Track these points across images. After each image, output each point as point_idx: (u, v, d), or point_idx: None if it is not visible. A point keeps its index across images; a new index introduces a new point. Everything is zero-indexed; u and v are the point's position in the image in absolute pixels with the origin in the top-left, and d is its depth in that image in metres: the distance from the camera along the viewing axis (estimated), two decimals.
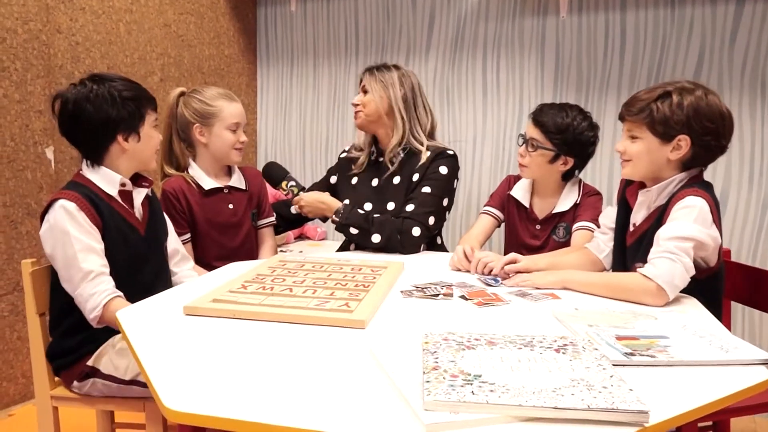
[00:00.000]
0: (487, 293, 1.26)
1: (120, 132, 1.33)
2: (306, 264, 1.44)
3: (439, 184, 1.71)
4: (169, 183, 1.66)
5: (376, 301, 1.14)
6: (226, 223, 1.72)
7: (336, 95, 2.86)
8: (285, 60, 2.94)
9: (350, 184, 1.86)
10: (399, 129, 1.74)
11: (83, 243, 1.27)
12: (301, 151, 2.97)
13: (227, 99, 1.70)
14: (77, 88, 1.32)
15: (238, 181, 1.77)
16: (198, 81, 2.64)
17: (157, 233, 1.46)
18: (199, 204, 1.68)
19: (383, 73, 1.75)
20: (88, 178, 1.34)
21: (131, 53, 2.31)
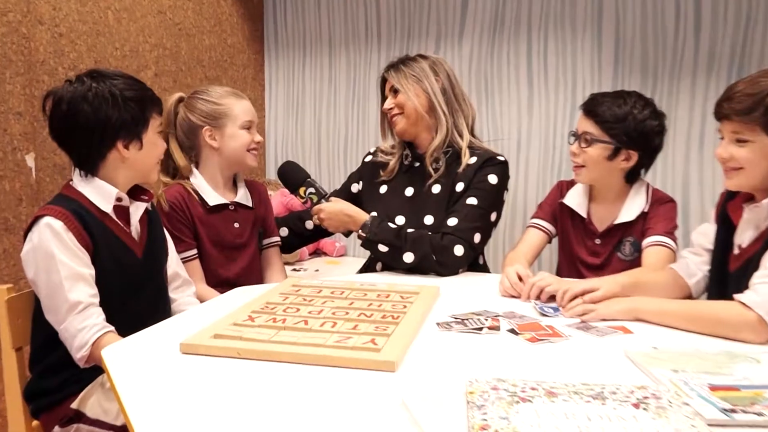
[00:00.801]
0: (542, 325, 1.22)
1: (120, 138, 1.32)
2: (323, 289, 1.41)
3: (488, 195, 1.68)
4: (170, 192, 1.66)
5: (407, 337, 1.11)
6: (231, 245, 1.72)
7: (356, 89, 2.84)
8: (296, 49, 2.93)
9: (378, 193, 1.83)
10: (443, 126, 1.71)
11: (70, 269, 1.26)
12: (316, 153, 2.96)
13: (235, 96, 1.71)
14: (73, 85, 1.31)
15: (245, 197, 1.77)
16: (197, 75, 2.64)
17: (156, 255, 1.44)
18: (201, 220, 1.68)
19: (410, 66, 1.73)
20: (78, 190, 1.33)
21: (122, 45, 2.32)
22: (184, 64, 2.58)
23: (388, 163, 1.83)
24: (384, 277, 1.64)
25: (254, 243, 1.76)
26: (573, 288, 1.32)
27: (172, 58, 2.53)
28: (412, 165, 1.79)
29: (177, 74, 2.55)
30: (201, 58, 2.66)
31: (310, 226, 1.91)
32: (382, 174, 1.82)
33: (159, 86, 2.47)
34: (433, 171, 1.73)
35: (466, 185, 1.70)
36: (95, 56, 2.21)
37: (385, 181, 1.82)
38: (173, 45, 2.53)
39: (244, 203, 1.75)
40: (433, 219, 1.71)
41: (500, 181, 1.70)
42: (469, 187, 1.69)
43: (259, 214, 1.79)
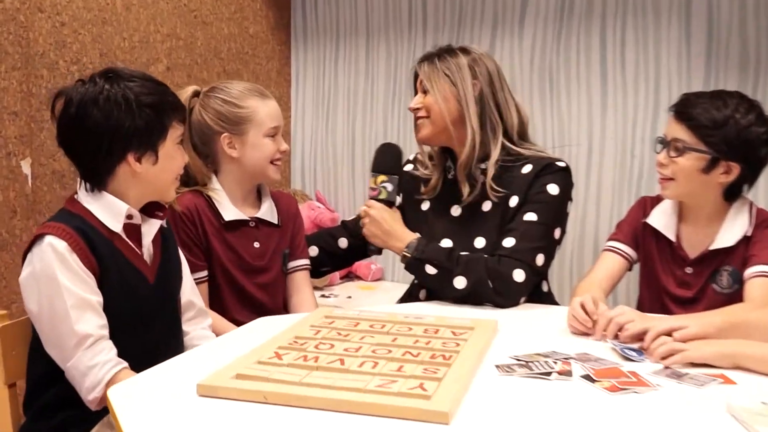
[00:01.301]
0: (623, 371, 1.20)
1: (131, 149, 1.35)
2: (361, 322, 1.41)
3: (549, 208, 1.67)
4: (183, 200, 1.67)
5: (462, 382, 1.10)
6: (250, 267, 1.73)
7: (396, 85, 2.85)
8: (328, 39, 2.96)
9: (419, 210, 1.83)
10: (468, 141, 1.70)
11: (77, 297, 1.28)
12: (350, 160, 2.98)
13: (260, 96, 1.71)
14: (85, 86, 1.35)
15: (269, 212, 1.78)
16: (215, 69, 2.68)
17: (170, 281, 1.46)
18: (216, 237, 1.70)
19: (446, 61, 1.72)
20: (84, 206, 1.36)
21: (130, 35, 2.37)
22: (200, 56, 2.63)
23: (428, 179, 1.82)
24: (431, 308, 1.63)
25: (277, 266, 1.77)
26: (657, 326, 1.29)
27: (187, 50, 2.58)
28: (456, 180, 1.78)
29: (192, 68, 2.59)
30: (219, 50, 2.71)
31: (343, 245, 1.92)
32: (423, 190, 1.82)
33: (171, 81, 2.51)
34: (469, 188, 1.72)
35: (521, 199, 1.68)
36: (101, 47, 2.27)
37: (427, 198, 1.82)
38: (188, 35, 2.58)
39: (268, 219, 1.76)
40: (485, 242, 1.70)
41: (562, 190, 1.69)
42: (526, 201, 1.68)
43: (286, 232, 1.80)
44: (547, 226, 1.66)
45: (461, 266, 1.62)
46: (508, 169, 1.71)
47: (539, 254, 1.64)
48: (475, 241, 1.71)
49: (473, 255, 1.66)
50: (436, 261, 1.63)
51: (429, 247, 1.66)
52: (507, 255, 1.62)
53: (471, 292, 1.61)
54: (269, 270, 1.75)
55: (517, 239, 1.63)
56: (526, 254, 1.62)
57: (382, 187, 1.72)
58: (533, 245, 1.63)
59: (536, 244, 1.64)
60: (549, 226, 1.66)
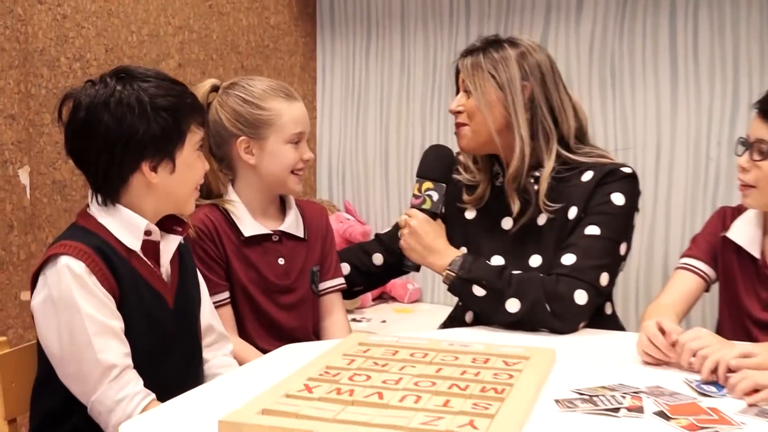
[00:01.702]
0: (702, 408, 1.19)
1: (146, 157, 1.37)
2: (400, 350, 1.41)
3: (613, 220, 1.66)
4: (199, 215, 1.69)
5: (517, 419, 1.09)
6: (274, 287, 1.74)
7: (436, 80, 2.86)
8: (359, 29, 2.98)
9: (464, 222, 1.82)
10: (517, 152, 1.69)
11: (99, 323, 1.30)
12: (383, 166, 2.99)
13: (285, 97, 1.72)
14: (95, 87, 1.37)
15: (295, 223, 1.79)
16: (232, 64, 2.71)
17: (190, 303, 1.48)
18: (236, 255, 1.71)
19: (491, 57, 1.71)
20: (99, 221, 1.38)
21: (138, 28, 2.41)
22: (215, 50, 2.66)
23: (475, 185, 1.82)
24: (478, 334, 1.62)
25: (304, 285, 1.78)
26: (727, 354, 1.29)
27: (201, 44, 2.61)
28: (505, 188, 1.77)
29: (206, 64, 2.63)
30: (237, 43, 2.74)
31: (378, 261, 1.93)
32: (467, 198, 1.82)
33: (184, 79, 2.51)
34: (519, 204, 1.71)
35: (582, 210, 1.68)
36: (106, 42, 2.31)
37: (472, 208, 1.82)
38: (202, 27, 2.61)
39: (293, 233, 1.77)
40: (541, 260, 1.70)
41: (628, 200, 1.68)
42: (587, 212, 1.67)
43: (314, 247, 1.81)
44: (611, 240, 1.65)
45: (514, 286, 1.62)
46: (565, 179, 1.71)
47: (603, 273, 1.63)
48: (531, 260, 1.71)
49: (528, 274, 1.65)
50: (485, 281, 1.63)
51: (476, 264, 1.66)
52: (567, 274, 1.62)
53: (525, 316, 1.61)
54: (295, 290, 1.76)
55: (577, 256, 1.63)
56: (588, 273, 1.62)
57: (426, 196, 1.72)
58: (596, 263, 1.63)
59: (599, 262, 1.63)
60: (614, 241, 1.66)
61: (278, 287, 1.74)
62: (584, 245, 1.64)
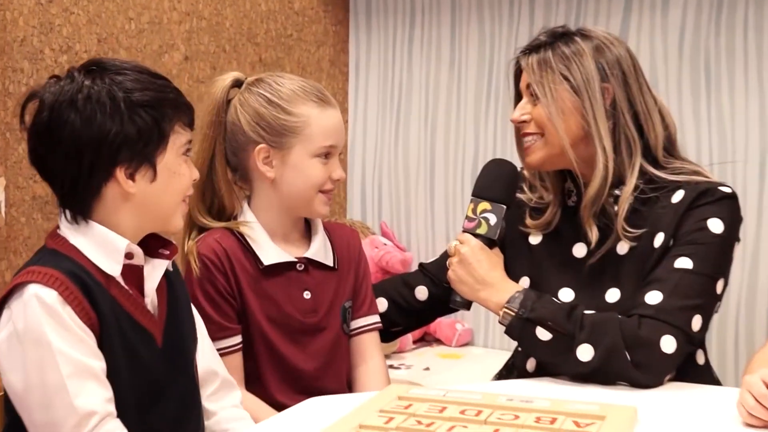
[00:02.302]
0: None
1: (120, 162, 1.38)
2: (449, 406, 1.40)
3: (709, 252, 1.66)
4: (208, 243, 1.70)
5: None
6: (298, 326, 1.75)
7: (492, 80, 2.87)
8: (399, 16, 3.00)
9: (526, 245, 1.83)
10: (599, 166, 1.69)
11: (75, 363, 1.31)
12: (427, 181, 3.00)
13: (318, 102, 1.73)
14: (60, 83, 1.39)
15: (323, 249, 1.79)
16: (248, 57, 2.74)
17: (182, 341, 1.49)
18: (252, 288, 1.72)
19: (560, 52, 1.71)
20: (71, 243, 1.39)
21: (138, 14, 2.45)
22: (228, 41, 2.69)
23: (539, 205, 1.83)
24: (543, 387, 1.61)
25: (335, 324, 1.78)
26: None
27: (212, 34, 2.64)
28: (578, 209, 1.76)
29: (217, 57, 2.65)
30: (254, 33, 2.77)
31: (422, 296, 1.92)
32: (531, 222, 1.83)
33: (191, 75, 2.58)
34: (597, 231, 1.71)
35: (669, 237, 1.67)
36: (99, 32, 2.35)
37: (537, 232, 1.83)
38: (213, 13, 2.64)
39: (321, 261, 1.78)
40: (620, 295, 1.70)
41: (728, 227, 1.67)
42: (677, 240, 1.67)
43: (345, 278, 1.81)
44: (705, 276, 1.64)
45: (587, 329, 1.61)
46: (650, 200, 1.71)
47: (696, 315, 1.62)
48: (607, 294, 1.71)
49: (603, 315, 1.64)
50: (551, 322, 1.62)
51: (540, 302, 1.65)
52: (651, 315, 1.61)
53: (600, 366, 1.60)
54: (324, 330, 1.76)
55: (665, 294, 1.62)
56: (677, 315, 1.61)
57: (482, 218, 1.73)
58: (687, 303, 1.62)
59: (691, 302, 1.62)
60: (709, 277, 1.65)
61: (304, 326, 1.75)
62: (673, 281, 1.63)
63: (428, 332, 2.84)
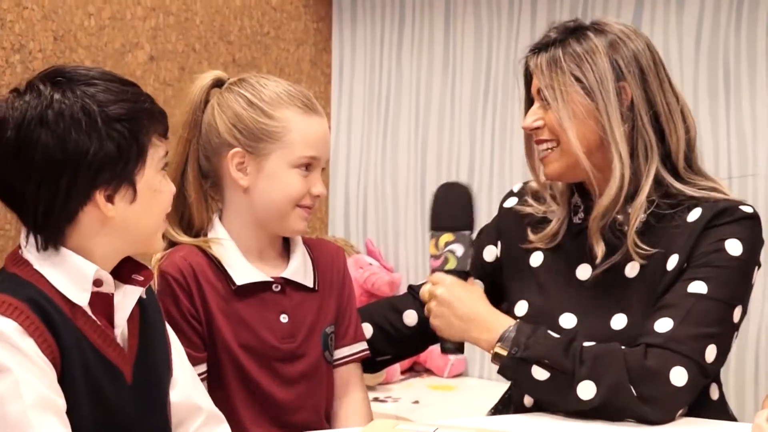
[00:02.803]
0: None
1: (100, 185, 1.38)
2: None
3: (726, 276, 1.66)
4: (172, 260, 1.70)
5: None
6: (274, 353, 1.75)
7: (489, 85, 2.88)
8: (387, 13, 3.01)
9: (527, 266, 1.84)
10: (616, 175, 1.70)
11: (38, 393, 1.29)
12: (418, 192, 3.00)
13: (303, 108, 1.74)
14: (25, 98, 1.38)
15: (303, 268, 1.80)
16: (220, 57, 2.75)
17: (155, 377, 1.48)
18: (222, 310, 1.72)
19: (571, 50, 1.72)
20: (35, 268, 1.39)
21: (98, 10, 2.45)
22: (198, 39, 2.69)
23: (544, 218, 1.84)
24: (543, 423, 1.62)
25: (315, 351, 1.78)
26: None
27: (180, 30, 2.64)
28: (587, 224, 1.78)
29: (186, 56, 2.66)
30: (227, 30, 2.77)
31: (411, 321, 1.93)
32: (533, 236, 1.84)
33: (157, 77, 2.58)
34: (605, 247, 1.72)
35: (684, 259, 1.69)
36: (55, 28, 2.35)
37: (539, 248, 1.84)
38: (182, 8, 2.64)
39: (300, 281, 1.79)
40: (626, 321, 1.71)
41: (748, 250, 1.68)
42: (691, 263, 1.68)
43: (327, 301, 1.81)
44: (722, 302, 1.65)
45: (587, 365, 1.61)
46: (664, 217, 1.72)
47: (710, 345, 1.63)
48: (613, 320, 1.72)
49: (605, 347, 1.65)
50: (548, 360, 1.63)
51: (535, 337, 1.66)
52: (660, 345, 1.62)
53: (604, 404, 1.61)
54: (303, 357, 1.76)
55: (676, 321, 1.63)
56: (689, 344, 1.62)
57: (448, 252, 1.73)
58: (701, 331, 1.63)
59: (705, 330, 1.63)
60: (725, 304, 1.66)
61: (280, 353, 1.75)
62: (686, 307, 1.64)
63: (418, 362, 2.84)
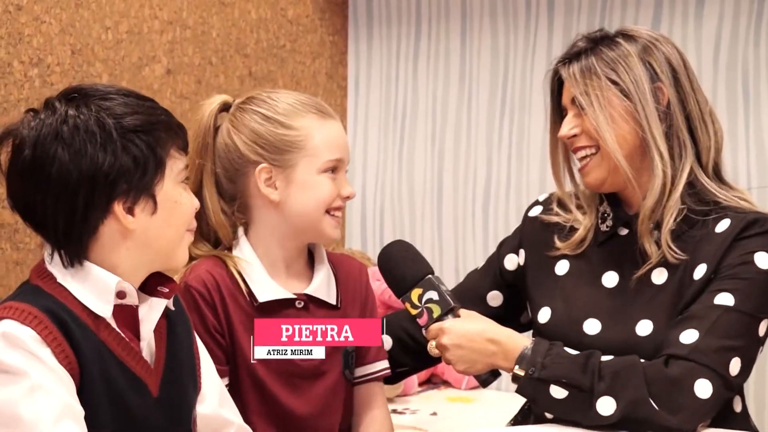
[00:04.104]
0: None
1: (118, 196, 1.38)
2: None
3: (753, 289, 1.66)
4: (197, 273, 1.70)
5: None
6: (295, 371, 1.74)
7: (506, 98, 2.88)
8: (405, 28, 3.01)
9: (552, 275, 1.84)
10: (657, 176, 1.71)
11: (57, 398, 1.29)
12: (435, 206, 3.00)
13: (317, 114, 1.74)
14: (40, 116, 1.39)
15: (326, 285, 1.79)
16: (236, 71, 2.75)
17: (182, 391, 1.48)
18: (244, 326, 1.71)
19: (604, 56, 1.73)
20: (59, 281, 1.39)
21: (115, 23, 2.45)
22: (215, 53, 2.70)
23: (570, 226, 1.84)
24: None
25: (336, 370, 1.78)
26: None
27: (197, 44, 2.65)
28: (616, 232, 1.79)
29: (203, 70, 2.66)
30: (243, 43, 2.78)
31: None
32: (560, 244, 1.83)
33: (174, 90, 2.59)
34: (655, 248, 1.72)
35: (711, 269, 1.68)
36: (72, 42, 2.35)
37: (567, 256, 1.83)
38: (198, 21, 2.65)
39: (323, 298, 1.78)
40: (652, 328, 1.70)
41: None
42: (718, 274, 1.67)
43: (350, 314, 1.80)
44: (748, 315, 1.65)
45: (607, 381, 1.61)
46: (695, 224, 1.72)
47: (734, 358, 1.62)
48: (638, 326, 1.71)
49: (624, 360, 1.64)
50: (566, 378, 1.63)
51: (551, 356, 1.65)
52: (685, 356, 1.61)
53: (625, 419, 1.60)
54: (323, 375, 1.75)
55: (701, 332, 1.62)
56: (714, 357, 1.61)
57: (426, 305, 1.73)
58: (726, 343, 1.62)
59: (730, 342, 1.62)
60: (751, 317, 1.65)
61: (300, 370, 1.74)
62: (711, 318, 1.63)
63: (435, 373, 2.83)
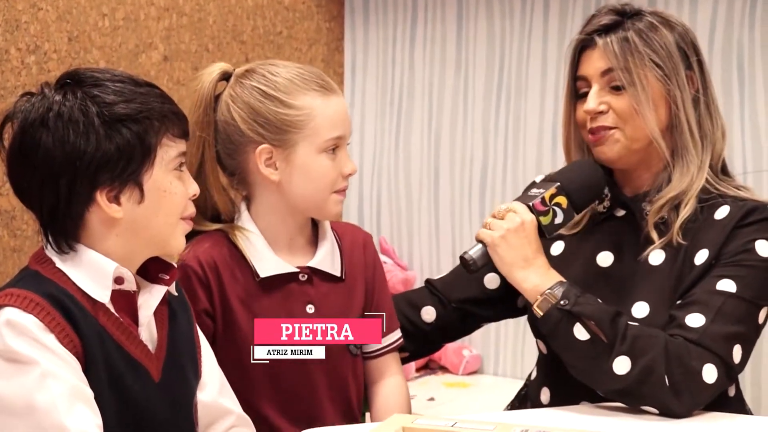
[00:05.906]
0: None
1: (101, 185, 1.38)
2: None
3: (754, 277, 1.66)
4: (195, 252, 1.69)
5: None
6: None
7: (502, 82, 2.87)
8: (401, 13, 3.01)
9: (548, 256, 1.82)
10: (691, 165, 1.72)
11: (65, 381, 1.30)
12: (431, 191, 3.00)
13: (320, 90, 1.70)
14: (31, 101, 1.40)
15: (330, 257, 1.77)
16: (233, 56, 2.74)
17: (183, 377, 1.49)
18: (244, 303, 1.71)
19: (644, 35, 1.71)
20: (57, 266, 1.40)
21: (112, 10, 2.44)
22: (211, 39, 2.69)
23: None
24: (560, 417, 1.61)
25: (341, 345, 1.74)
26: None
27: (193, 31, 2.64)
28: (613, 214, 1.80)
29: (200, 56, 2.65)
30: (240, 30, 2.77)
31: (429, 317, 1.92)
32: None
33: (170, 77, 2.58)
34: (657, 235, 1.72)
35: (713, 255, 1.68)
36: (69, 29, 2.34)
37: (562, 236, 1.83)
38: (195, 8, 2.64)
39: (327, 270, 1.76)
40: (648, 309, 1.70)
41: None
42: (719, 260, 1.68)
43: (355, 290, 1.79)
44: (748, 302, 1.65)
45: (629, 342, 1.61)
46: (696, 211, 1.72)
47: (736, 345, 1.63)
48: (634, 308, 1.71)
49: (650, 330, 1.64)
50: (594, 321, 1.62)
51: (585, 297, 1.65)
52: (696, 341, 1.61)
53: (635, 384, 1.60)
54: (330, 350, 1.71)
55: (707, 318, 1.63)
56: (720, 343, 1.62)
57: (554, 207, 1.71)
58: (729, 329, 1.62)
59: (733, 329, 1.63)
60: (752, 304, 1.65)
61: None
62: (715, 304, 1.64)
63: (432, 359, 2.83)
